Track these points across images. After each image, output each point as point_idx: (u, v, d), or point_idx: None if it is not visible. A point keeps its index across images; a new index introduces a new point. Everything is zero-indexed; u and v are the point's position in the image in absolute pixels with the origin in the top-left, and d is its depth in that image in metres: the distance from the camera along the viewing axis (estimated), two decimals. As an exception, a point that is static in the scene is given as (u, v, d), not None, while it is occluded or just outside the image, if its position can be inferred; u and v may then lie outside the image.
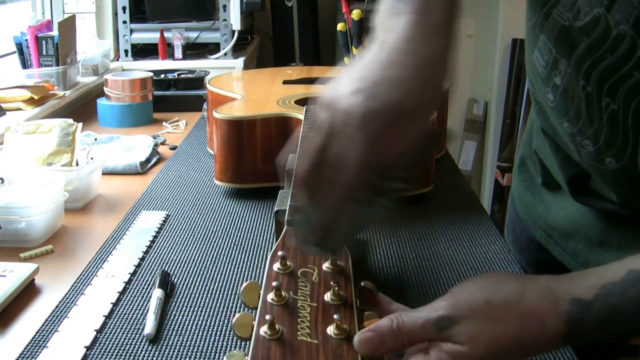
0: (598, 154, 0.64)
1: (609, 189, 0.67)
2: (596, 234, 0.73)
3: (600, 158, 0.64)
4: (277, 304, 0.48)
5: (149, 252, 0.84)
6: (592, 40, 0.58)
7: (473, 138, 2.91)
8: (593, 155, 0.64)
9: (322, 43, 2.87)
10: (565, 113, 0.65)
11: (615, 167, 0.63)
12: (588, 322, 0.47)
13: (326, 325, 0.46)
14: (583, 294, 0.47)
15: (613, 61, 0.57)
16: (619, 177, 0.64)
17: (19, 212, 0.87)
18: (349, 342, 0.45)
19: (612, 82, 0.58)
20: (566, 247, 0.77)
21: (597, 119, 0.61)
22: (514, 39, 2.70)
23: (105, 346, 0.63)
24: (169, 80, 1.72)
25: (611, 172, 0.64)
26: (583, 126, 0.63)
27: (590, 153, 0.65)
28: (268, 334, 0.44)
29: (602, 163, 0.64)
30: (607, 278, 0.48)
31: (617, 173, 0.63)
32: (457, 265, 0.81)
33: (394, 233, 0.90)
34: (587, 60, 0.59)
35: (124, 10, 2.17)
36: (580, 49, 0.59)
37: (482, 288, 0.49)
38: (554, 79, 0.65)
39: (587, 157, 0.66)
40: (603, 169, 0.65)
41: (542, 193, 0.82)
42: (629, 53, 0.55)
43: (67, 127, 1.06)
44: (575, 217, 0.75)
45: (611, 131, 0.60)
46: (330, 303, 0.49)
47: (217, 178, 1.05)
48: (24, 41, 1.69)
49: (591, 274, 0.49)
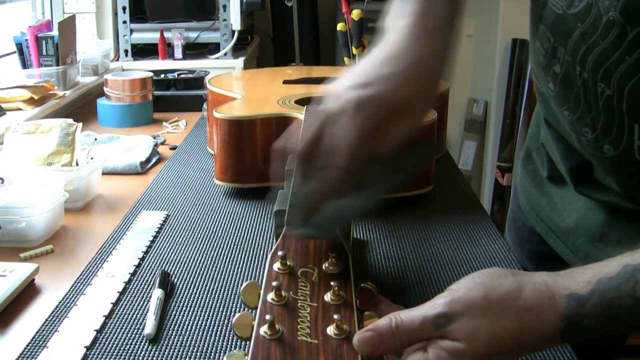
0: (597, 142, 0.64)
1: (610, 178, 0.68)
2: (597, 228, 0.73)
3: (599, 145, 0.64)
4: (277, 304, 0.48)
5: (149, 252, 0.84)
6: (586, 26, 0.59)
7: (473, 138, 2.91)
8: (592, 142, 0.65)
9: (322, 43, 2.87)
10: (565, 101, 0.66)
11: (614, 155, 0.63)
12: (585, 318, 0.47)
13: (326, 326, 0.46)
14: (579, 289, 0.48)
15: (605, 47, 0.58)
16: (617, 165, 0.65)
17: (19, 212, 0.87)
18: (349, 342, 0.45)
19: (605, 67, 0.58)
20: (567, 241, 0.78)
21: (594, 105, 0.62)
22: (514, 39, 2.70)
23: (105, 346, 0.63)
24: (169, 80, 1.72)
25: (610, 159, 0.64)
26: (582, 113, 0.64)
27: (589, 141, 0.65)
28: (268, 334, 0.44)
29: (601, 151, 0.64)
30: (602, 273, 0.48)
31: (616, 160, 0.64)
32: (457, 265, 0.81)
33: (394, 233, 0.90)
34: (582, 47, 0.60)
35: (124, 10, 2.17)
36: (575, 35, 0.60)
37: (479, 285, 0.49)
38: (553, 67, 0.66)
39: (587, 145, 0.66)
40: (603, 157, 0.65)
41: (546, 186, 0.83)
42: (619, 39, 0.56)
43: (67, 127, 1.06)
44: (578, 212, 0.76)
45: (607, 117, 0.61)
46: (330, 303, 0.49)
47: (217, 178, 1.05)
48: (24, 41, 1.69)
49: (587, 270, 0.49)
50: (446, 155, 1.25)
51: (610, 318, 0.47)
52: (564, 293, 0.48)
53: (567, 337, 0.48)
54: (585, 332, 0.47)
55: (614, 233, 0.71)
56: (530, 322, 0.47)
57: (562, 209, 0.79)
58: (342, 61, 1.86)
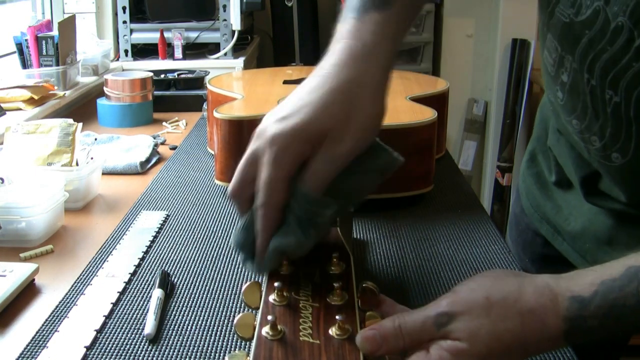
0: (605, 150, 0.64)
1: (617, 188, 0.68)
2: (605, 233, 0.73)
3: (607, 154, 0.64)
4: (279, 304, 0.48)
5: (149, 252, 0.84)
6: (593, 33, 0.58)
7: (473, 138, 2.91)
8: (600, 151, 0.65)
9: (322, 43, 2.87)
10: (573, 110, 0.66)
11: (622, 163, 0.63)
12: (588, 319, 0.47)
13: (328, 326, 0.46)
14: (582, 290, 0.47)
15: (613, 53, 0.57)
16: (625, 174, 0.64)
17: (19, 212, 0.86)
18: (351, 343, 0.45)
19: (613, 74, 0.58)
20: (574, 245, 0.77)
21: (602, 113, 0.62)
22: (514, 39, 2.70)
23: (105, 346, 0.63)
24: (169, 80, 1.72)
25: (618, 168, 0.64)
26: (590, 122, 0.64)
27: (597, 149, 0.65)
28: (270, 334, 0.44)
29: (609, 159, 0.64)
30: (606, 275, 0.48)
31: (624, 169, 0.64)
32: (457, 265, 0.80)
33: (394, 233, 0.89)
34: (590, 54, 0.60)
35: (124, 10, 2.17)
36: (583, 42, 0.60)
37: (481, 285, 0.49)
38: (561, 76, 0.65)
39: (595, 153, 0.66)
40: (610, 166, 0.65)
41: (551, 190, 0.83)
42: (627, 44, 0.56)
43: (67, 127, 1.06)
44: (584, 217, 0.76)
45: (615, 125, 0.61)
46: (332, 304, 0.49)
47: (217, 178, 1.05)
48: (24, 41, 1.69)
49: (590, 272, 0.49)
50: (446, 155, 1.25)
51: (613, 319, 0.47)
52: (567, 295, 0.48)
53: (570, 339, 0.48)
54: (589, 333, 0.47)
55: (622, 237, 0.71)
56: (532, 324, 0.47)
57: (568, 213, 0.79)
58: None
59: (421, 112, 1.03)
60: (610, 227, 0.72)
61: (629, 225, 0.70)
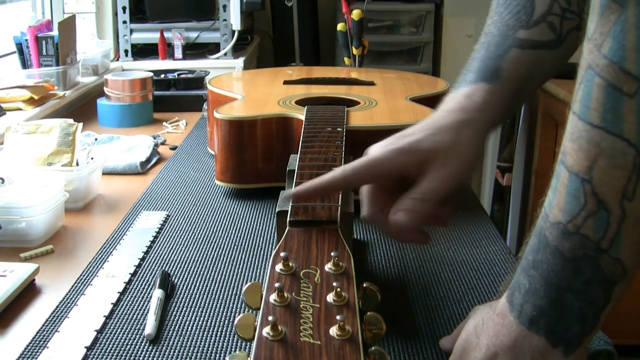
0: None
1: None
2: None
3: None
4: (279, 305, 0.48)
5: (149, 252, 0.84)
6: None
7: (473, 138, 2.91)
8: None
9: (322, 43, 2.87)
10: None
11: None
12: (525, 294, 0.51)
13: (329, 327, 0.46)
14: (509, 282, 0.54)
15: None
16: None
17: (19, 212, 0.86)
18: (352, 343, 0.45)
19: None
20: None
21: None
22: (513, 40, 2.70)
23: (105, 346, 0.63)
24: (169, 80, 1.72)
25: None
26: None
27: None
28: (271, 335, 0.44)
29: None
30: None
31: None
32: (457, 266, 0.81)
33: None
34: None
35: (124, 10, 2.17)
36: None
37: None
38: None
39: None
40: None
41: None
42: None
43: (67, 127, 1.06)
44: None
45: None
46: (332, 304, 0.49)
47: (217, 178, 1.05)
48: (24, 41, 1.69)
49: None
50: (447, 155, 1.25)
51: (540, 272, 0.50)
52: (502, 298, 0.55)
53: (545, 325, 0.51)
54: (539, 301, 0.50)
55: None
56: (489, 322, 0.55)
57: None
58: (342, 61, 1.86)
59: (421, 112, 1.03)
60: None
61: None
